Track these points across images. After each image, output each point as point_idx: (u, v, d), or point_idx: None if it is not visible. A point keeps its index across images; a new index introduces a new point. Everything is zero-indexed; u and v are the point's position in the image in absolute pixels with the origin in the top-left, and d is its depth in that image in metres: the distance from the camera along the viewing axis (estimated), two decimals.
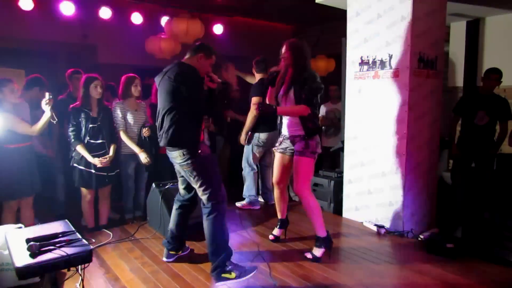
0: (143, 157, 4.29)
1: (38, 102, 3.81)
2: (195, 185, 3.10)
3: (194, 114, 3.03)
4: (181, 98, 2.96)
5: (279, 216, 3.92)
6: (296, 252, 3.63)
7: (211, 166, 3.13)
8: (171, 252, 3.47)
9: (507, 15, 5.68)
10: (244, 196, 5.02)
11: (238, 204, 5.03)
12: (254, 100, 4.59)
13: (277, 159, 3.68)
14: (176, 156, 3.07)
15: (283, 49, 3.48)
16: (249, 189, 4.98)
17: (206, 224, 3.07)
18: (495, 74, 4.48)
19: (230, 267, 3.02)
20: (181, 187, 3.42)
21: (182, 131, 2.99)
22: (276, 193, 3.81)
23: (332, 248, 3.48)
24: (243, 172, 5.01)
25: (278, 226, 3.95)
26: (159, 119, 3.10)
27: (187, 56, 3.20)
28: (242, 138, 4.80)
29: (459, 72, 6.07)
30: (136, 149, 4.30)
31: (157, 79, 3.19)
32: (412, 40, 3.90)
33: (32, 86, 4.48)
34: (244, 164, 4.97)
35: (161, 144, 3.12)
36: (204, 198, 3.07)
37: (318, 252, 3.45)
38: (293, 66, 3.42)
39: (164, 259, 3.47)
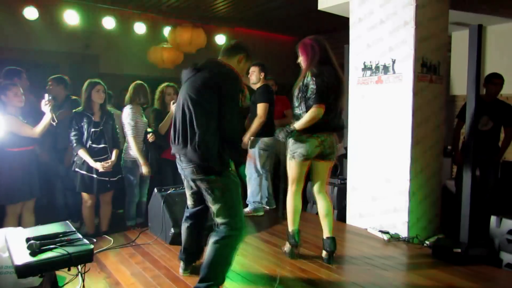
0: (146, 170, 4.28)
1: None
2: (212, 205, 2.71)
3: (230, 128, 2.62)
4: (218, 104, 2.56)
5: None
6: (301, 257, 3.57)
7: (234, 186, 2.72)
8: (187, 267, 3.24)
9: (508, 24, 5.71)
10: (248, 203, 4.97)
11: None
12: (263, 106, 4.59)
13: None
14: (191, 171, 2.67)
15: (298, 51, 3.39)
16: (254, 195, 4.94)
17: (213, 247, 2.65)
18: (498, 78, 4.46)
19: None
20: (189, 202, 3.09)
21: (209, 147, 2.57)
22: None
23: (299, 247, 3.55)
24: (247, 178, 4.97)
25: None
26: (180, 123, 2.68)
27: (222, 56, 2.88)
28: (246, 141, 4.73)
29: (462, 81, 6.07)
30: (141, 159, 4.26)
31: (185, 74, 2.77)
32: (415, 45, 3.90)
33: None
34: (250, 170, 4.92)
35: (173, 152, 2.78)
36: (219, 221, 2.70)
37: (286, 247, 3.62)
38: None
39: (181, 271, 3.23)
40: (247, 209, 4.94)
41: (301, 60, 3.37)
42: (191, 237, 3.16)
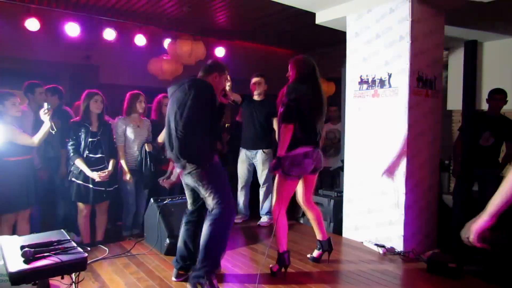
0: (127, 177, 4.31)
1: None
2: (204, 193, 2.99)
3: (206, 129, 2.97)
4: (193, 111, 2.92)
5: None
6: (294, 270, 3.56)
7: (221, 175, 3.04)
8: (180, 272, 3.30)
9: (504, 40, 5.77)
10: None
11: (263, 222, 5.04)
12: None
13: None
14: (184, 165, 3.01)
15: (289, 67, 3.51)
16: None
17: (206, 229, 2.93)
18: (500, 94, 4.49)
19: (205, 282, 2.88)
20: (189, 201, 3.32)
21: (192, 145, 2.95)
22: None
23: (286, 268, 3.44)
24: (265, 189, 5.03)
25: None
26: (168, 131, 3.06)
27: (201, 74, 3.21)
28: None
29: (458, 96, 6.11)
30: (125, 167, 4.32)
31: (170, 90, 3.15)
32: (411, 59, 3.95)
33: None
34: (269, 180, 4.98)
35: (168, 156, 3.11)
36: (212, 203, 2.96)
37: (274, 266, 3.48)
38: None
39: (173, 278, 3.31)
40: (266, 220, 5.03)
41: (289, 75, 3.50)
42: (187, 237, 3.26)
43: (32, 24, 5.63)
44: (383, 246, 4.08)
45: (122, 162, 4.31)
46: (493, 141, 4.54)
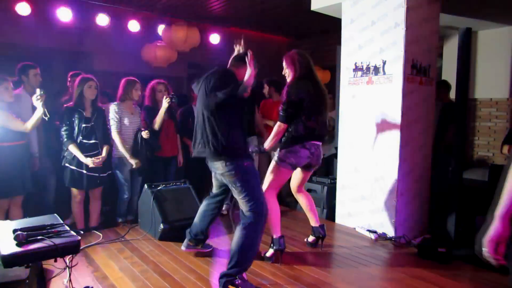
0: (134, 163, 4.29)
1: None
2: (238, 196, 2.96)
3: (236, 122, 2.92)
4: (222, 106, 2.84)
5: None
6: (287, 254, 3.59)
7: (254, 177, 2.99)
8: (189, 243, 3.46)
9: (499, 29, 5.77)
10: None
11: None
12: None
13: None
14: (218, 167, 2.95)
15: (284, 64, 3.52)
16: None
17: (240, 233, 2.87)
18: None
19: (238, 281, 2.84)
20: (214, 184, 3.36)
21: (225, 141, 2.86)
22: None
23: (282, 252, 3.44)
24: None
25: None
26: (198, 127, 2.99)
27: (231, 63, 3.16)
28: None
29: (452, 84, 6.13)
30: (126, 154, 4.28)
31: (195, 87, 3.09)
32: (406, 46, 3.94)
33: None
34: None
35: (195, 154, 3.02)
36: (245, 208, 2.92)
37: (268, 252, 3.51)
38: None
39: (182, 247, 3.49)
40: None
41: (287, 72, 3.50)
42: (203, 216, 3.39)
43: (23, 8, 5.56)
44: (375, 232, 4.13)
45: (122, 149, 4.26)
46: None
